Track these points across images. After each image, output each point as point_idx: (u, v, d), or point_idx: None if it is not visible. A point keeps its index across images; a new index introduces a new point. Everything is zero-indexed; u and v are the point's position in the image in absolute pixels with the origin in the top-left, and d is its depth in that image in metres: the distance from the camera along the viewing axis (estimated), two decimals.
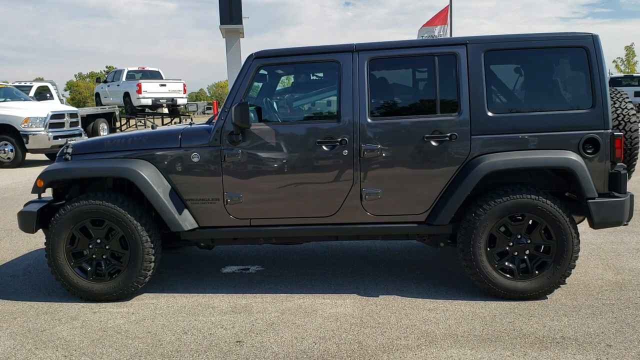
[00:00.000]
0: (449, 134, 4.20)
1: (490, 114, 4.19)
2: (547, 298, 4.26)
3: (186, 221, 4.40)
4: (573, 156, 4.11)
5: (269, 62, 4.44)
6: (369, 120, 4.27)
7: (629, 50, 47.20)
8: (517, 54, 4.29)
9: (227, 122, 4.35)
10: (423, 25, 20.53)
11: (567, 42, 4.23)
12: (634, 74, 28.85)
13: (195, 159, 4.38)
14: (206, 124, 4.71)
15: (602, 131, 4.16)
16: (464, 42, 4.25)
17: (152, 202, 4.31)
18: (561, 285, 4.31)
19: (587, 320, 3.87)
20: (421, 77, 4.50)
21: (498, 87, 4.34)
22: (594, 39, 4.20)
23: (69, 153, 4.58)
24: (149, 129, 4.88)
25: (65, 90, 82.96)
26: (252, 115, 4.36)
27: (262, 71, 4.49)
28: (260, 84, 4.67)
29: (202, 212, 4.43)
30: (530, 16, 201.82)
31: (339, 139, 4.27)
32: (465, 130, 4.20)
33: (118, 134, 4.93)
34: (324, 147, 4.30)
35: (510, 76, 4.42)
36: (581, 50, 4.20)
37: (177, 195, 4.42)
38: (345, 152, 4.28)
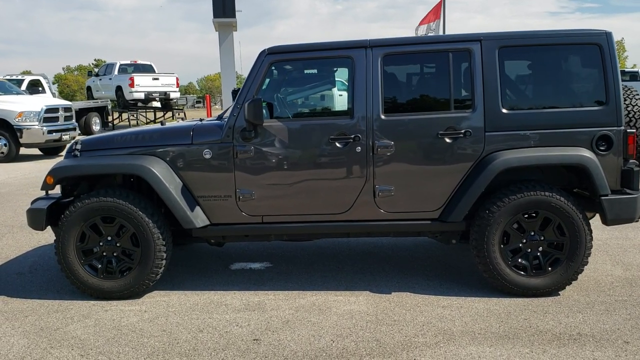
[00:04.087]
0: (463, 131, 4.19)
1: (504, 110, 4.19)
2: (559, 294, 4.28)
3: (198, 218, 4.36)
4: (587, 153, 4.12)
5: (282, 58, 4.40)
6: (382, 116, 4.25)
7: (619, 45, 47.52)
8: (531, 51, 4.28)
9: (239, 118, 4.31)
10: (420, 24, 20.48)
11: (580, 39, 4.23)
12: (625, 69, 29.00)
13: (207, 156, 4.34)
14: (217, 119, 4.67)
15: (615, 128, 4.17)
16: (478, 39, 4.24)
17: (164, 199, 4.27)
18: (572, 282, 4.33)
19: (601, 316, 3.89)
20: (435, 73, 4.48)
21: (512, 83, 4.34)
22: (607, 36, 4.20)
23: (78, 149, 4.52)
24: (158, 125, 4.83)
25: (54, 83, 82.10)
26: (264, 111, 4.32)
27: (274, 67, 4.46)
28: (273, 80, 4.62)
29: (214, 209, 4.40)
30: (519, 10, 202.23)
31: (352, 136, 4.25)
32: (479, 126, 4.19)
33: (128, 130, 4.88)
34: (337, 144, 4.28)
35: (524, 73, 4.42)
36: (594, 47, 4.20)
37: (188, 192, 4.38)
38: (358, 148, 4.26)
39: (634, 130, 4.24)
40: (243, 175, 4.34)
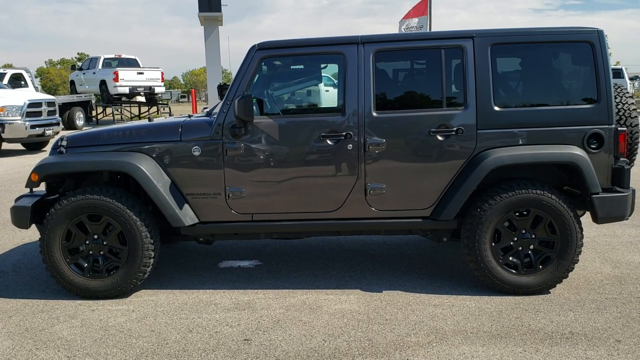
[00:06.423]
0: (455, 128, 4.17)
1: (496, 108, 4.17)
2: (550, 293, 4.28)
3: (187, 216, 4.29)
4: (578, 151, 4.12)
5: (272, 53, 4.33)
6: (374, 113, 4.21)
7: None
8: (524, 48, 4.26)
9: (229, 115, 4.25)
10: (403, 18, 20.44)
11: (572, 37, 4.21)
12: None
13: (196, 153, 4.27)
14: (205, 116, 4.59)
15: (606, 126, 4.17)
16: (470, 35, 4.21)
17: (152, 196, 4.20)
18: (563, 280, 4.32)
19: (593, 315, 3.89)
20: (427, 70, 4.45)
21: (504, 81, 4.31)
22: (599, 34, 4.20)
23: (63, 146, 4.43)
24: (146, 121, 4.75)
25: (36, 77, 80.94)
26: (254, 108, 4.25)
27: (264, 63, 4.39)
28: (263, 76, 4.54)
29: (203, 207, 4.33)
30: (504, 7, 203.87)
31: (344, 133, 4.21)
32: (471, 124, 4.17)
33: (115, 126, 4.79)
34: (328, 141, 4.23)
35: (516, 70, 4.40)
36: (586, 45, 4.19)
37: (177, 190, 4.31)
38: (350, 146, 4.21)
39: (625, 129, 4.24)
40: (233, 172, 4.28)
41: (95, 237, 4.29)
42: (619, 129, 4.19)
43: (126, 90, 22.88)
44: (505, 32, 4.24)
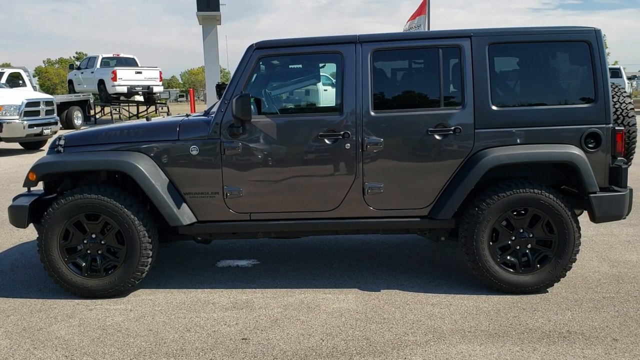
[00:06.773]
0: (452, 128, 4.17)
1: (494, 107, 4.17)
2: (548, 292, 4.28)
3: (185, 215, 4.29)
4: (576, 151, 4.12)
5: (270, 53, 4.33)
6: (371, 113, 4.21)
7: None
8: (521, 48, 4.26)
9: (226, 114, 4.25)
10: (408, 20, 20.43)
11: (570, 36, 4.22)
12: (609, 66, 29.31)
13: (194, 152, 4.27)
14: (203, 115, 4.60)
15: (604, 126, 4.17)
16: (468, 35, 4.21)
17: (150, 196, 4.20)
18: (560, 279, 4.33)
19: (590, 314, 3.90)
20: (425, 69, 4.45)
21: (502, 80, 4.31)
22: (596, 34, 4.20)
23: (61, 145, 4.43)
24: (143, 121, 4.75)
25: (35, 76, 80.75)
26: (252, 107, 4.25)
27: (262, 62, 4.39)
28: (261, 75, 4.55)
29: (201, 206, 4.34)
30: (502, 6, 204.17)
31: (341, 132, 4.21)
32: (469, 123, 4.17)
33: (112, 125, 4.79)
34: (326, 141, 4.23)
35: (514, 70, 4.40)
36: (584, 45, 4.19)
37: (175, 189, 4.31)
38: (348, 145, 4.21)
39: (622, 128, 4.25)
40: (230, 171, 4.28)
41: (93, 236, 4.29)
42: (616, 128, 4.20)
43: (124, 89, 22.85)
44: (503, 32, 4.24)
